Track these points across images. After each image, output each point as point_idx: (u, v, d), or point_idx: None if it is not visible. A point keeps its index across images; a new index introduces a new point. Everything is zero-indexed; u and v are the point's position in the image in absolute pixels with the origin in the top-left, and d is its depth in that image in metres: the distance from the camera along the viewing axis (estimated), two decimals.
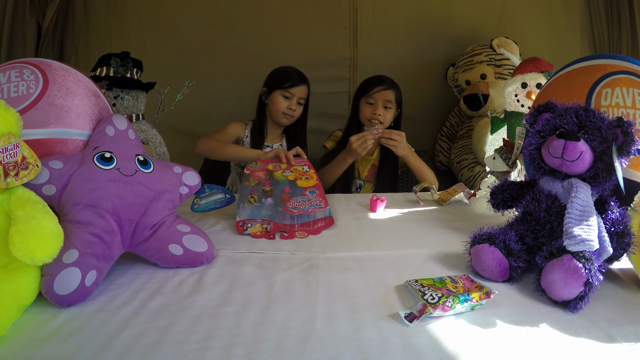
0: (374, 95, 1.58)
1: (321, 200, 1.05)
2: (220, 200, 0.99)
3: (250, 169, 1.17)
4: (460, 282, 0.66)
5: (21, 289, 0.60)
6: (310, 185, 1.10)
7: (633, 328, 0.57)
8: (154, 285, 0.70)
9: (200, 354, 0.51)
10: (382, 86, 1.58)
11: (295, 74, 1.57)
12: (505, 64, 2.07)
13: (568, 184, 0.69)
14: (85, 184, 0.74)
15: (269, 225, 0.97)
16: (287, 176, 1.14)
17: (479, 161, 1.96)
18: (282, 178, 1.13)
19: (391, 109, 1.60)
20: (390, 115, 1.61)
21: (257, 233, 0.96)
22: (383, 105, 1.58)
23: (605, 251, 0.65)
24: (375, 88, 1.58)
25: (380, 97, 1.57)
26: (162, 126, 1.45)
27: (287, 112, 1.55)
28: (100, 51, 1.46)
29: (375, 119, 1.58)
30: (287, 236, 0.94)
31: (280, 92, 1.54)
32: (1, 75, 0.80)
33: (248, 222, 0.98)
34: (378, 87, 1.58)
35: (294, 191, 1.07)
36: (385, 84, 1.60)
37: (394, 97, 1.60)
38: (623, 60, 0.87)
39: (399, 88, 1.63)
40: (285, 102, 1.54)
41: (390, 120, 1.61)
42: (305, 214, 1.00)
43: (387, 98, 1.58)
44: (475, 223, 1.00)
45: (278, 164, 1.21)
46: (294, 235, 0.95)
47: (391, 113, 1.61)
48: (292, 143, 1.63)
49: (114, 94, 1.32)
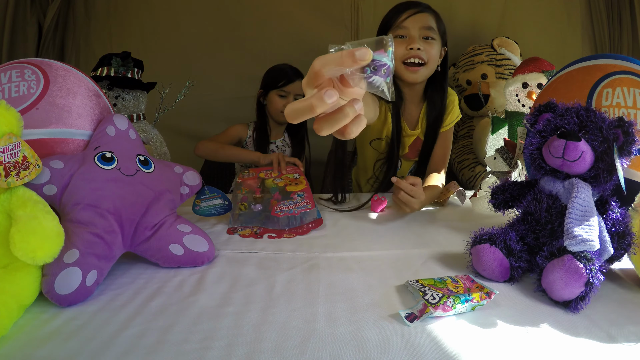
0: (404, 23, 1.08)
1: (308, 202, 1.04)
2: (219, 206, 1.00)
3: (242, 178, 1.18)
4: (461, 282, 0.66)
5: (22, 289, 0.60)
6: (299, 189, 1.10)
7: (634, 328, 0.57)
8: (154, 285, 0.70)
9: (200, 354, 0.51)
10: (414, 9, 1.09)
11: (288, 70, 1.56)
12: (506, 64, 2.07)
13: (569, 184, 0.69)
14: (86, 183, 0.74)
15: (259, 230, 0.98)
16: (277, 183, 1.14)
17: (479, 161, 1.96)
18: (272, 185, 1.13)
19: (435, 41, 1.10)
20: (435, 51, 1.10)
21: (245, 234, 0.96)
22: (422, 36, 1.08)
23: (606, 251, 0.65)
24: (405, 12, 1.09)
25: (415, 22, 1.08)
26: (163, 126, 1.45)
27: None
28: (101, 51, 1.47)
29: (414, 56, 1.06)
30: (274, 237, 0.95)
31: (276, 92, 1.54)
32: (2, 75, 0.80)
33: (239, 228, 0.99)
34: (409, 10, 1.09)
35: (283, 196, 1.08)
36: (420, 6, 1.11)
37: (435, 23, 1.10)
38: (624, 60, 0.87)
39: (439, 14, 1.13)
40: (282, 100, 1.54)
41: (436, 59, 1.12)
42: (292, 217, 1.00)
43: (426, 24, 1.08)
44: (476, 223, 1.00)
45: (270, 171, 1.21)
46: (282, 236, 0.95)
47: (436, 48, 1.10)
48: (294, 138, 1.64)
49: (114, 94, 1.32)
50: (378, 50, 0.37)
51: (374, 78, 0.37)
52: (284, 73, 1.55)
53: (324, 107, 0.36)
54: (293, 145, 1.64)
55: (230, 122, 1.67)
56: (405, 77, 1.13)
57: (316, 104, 0.36)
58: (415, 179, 1.03)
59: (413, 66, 1.10)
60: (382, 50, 0.38)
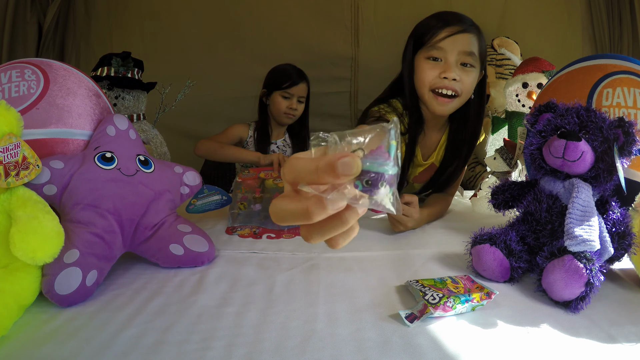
0: (441, 44, 0.92)
1: None
2: (217, 201, 0.99)
3: (242, 177, 1.18)
4: (461, 282, 0.66)
5: (22, 289, 0.60)
6: None
7: (634, 328, 0.57)
8: (154, 285, 0.70)
9: (200, 354, 0.51)
10: (456, 26, 0.93)
11: (293, 72, 1.56)
12: (506, 64, 2.07)
13: (569, 184, 0.69)
14: (86, 183, 0.74)
15: (258, 230, 0.99)
16: (277, 184, 1.14)
17: (479, 161, 1.96)
18: (273, 185, 1.13)
19: (474, 69, 0.95)
20: (472, 80, 0.96)
21: (244, 234, 0.96)
22: (459, 62, 0.93)
23: (607, 251, 0.64)
24: (444, 31, 0.93)
25: (455, 45, 0.92)
26: (163, 126, 1.45)
27: (288, 112, 1.55)
28: (101, 51, 1.47)
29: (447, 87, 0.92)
30: (273, 237, 0.95)
31: (280, 93, 1.54)
32: (2, 75, 0.80)
33: (238, 227, 0.99)
34: (448, 28, 0.93)
35: None
36: (464, 24, 0.95)
37: (477, 47, 0.95)
38: (624, 60, 0.87)
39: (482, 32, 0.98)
40: (285, 102, 1.54)
41: (471, 89, 0.97)
42: None
43: (468, 48, 0.93)
44: (476, 223, 0.99)
45: (270, 172, 1.21)
46: (281, 236, 0.95)
47: (473, 76, 0.96)
48: (295, 139, 1.64)
49: (115, 94, 1.32)
50: (376, 148, 0.26)
51: (370, 197, 0.26)
52: (289, 75, 1.55)
53: (324, 215, 0.27)
54: (294, 146, 1.64)
55: (231, 122, 1.67)
56: (432, 108, 0.98)
57: (314, 210, 0.26)
58: (411, 197, 0.95)
59: (444, 97, 0.95)
60: (382, 147, 0.26)
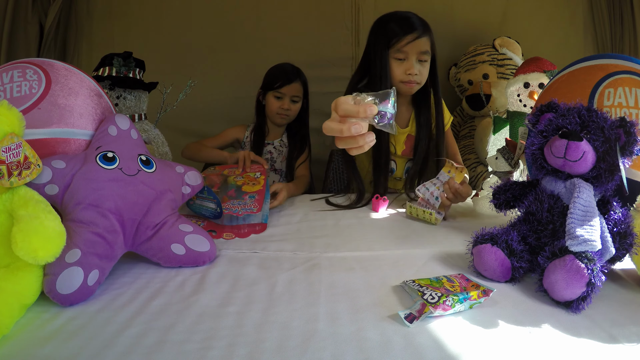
0: (405, 48, 1.18)
1: (255, 205, 1.03)
2: (211, 210, 0.99)
3: (207, 173, 1.19)
4: (456, 280, 0.66)
5: (24, 288, 0.60)
6: (254, 190, 1.10)
7: (635, 329, 0.57)
8: (156, 285, 0.70)
9: (202, 354, 0.51)
10: (414, 34, 1.18)
11: (288, 71, 1.55)
12: (508, 64, 2.07)
13: (570, 184, 0.69)
14: (88, 183, 0.74)
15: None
16: (237, 181, 1.14)
17: (481, 161, 1.96)
18: (232, 182, 1.14)
19: (427, 62, 1.23)
20: (427, 69, 1.24)
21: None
22: (418, 59, 1.20)
23: (608, 251, 0.64)
24: (405, 38, 1.18)
25: (414, 48, 1.18)
26: (164, 126, 1.46)
27: (280, 112, 1.55)
28: (102, 51, 1.47)
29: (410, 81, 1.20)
30: (215, 235, 0.95)
31: (272, 93, 1.55)
32: (4, 75, 0.80)
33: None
34: (408, 36, 1.18)
35: (236, 195, 1.08)
36: (418, 30, 1.18)
37: (430, 46, 1.21)
38: (626, 60, 0.87)
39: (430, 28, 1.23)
40: (277, 102, 1.54)
41: (427, 74, 1.24)
42: (234, 216, 1.00)
43: (423, 49, 1.19)
44: (477, 223, 1.00)
45: (234, 169, 1.21)
46: (222, 235, 0.95)
47: (428, 66, 1.24)
48: (293, 139, 1.63)
49: (116, 94, 1.32)
50: (383, 102, 0.53)
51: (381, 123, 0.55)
52: (283, 74, 1.54)
53: (349, 134, 0.54)
54: (290, 146, 1.64)
55: (232, 122, 1.67)
56: (401, 91, 1.27)
57: (345, 131, 0.53)
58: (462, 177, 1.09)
59: (410, 84, 1.24)
60: (387, 101, 0.54)
